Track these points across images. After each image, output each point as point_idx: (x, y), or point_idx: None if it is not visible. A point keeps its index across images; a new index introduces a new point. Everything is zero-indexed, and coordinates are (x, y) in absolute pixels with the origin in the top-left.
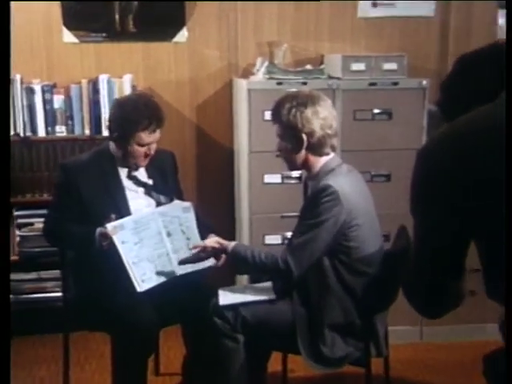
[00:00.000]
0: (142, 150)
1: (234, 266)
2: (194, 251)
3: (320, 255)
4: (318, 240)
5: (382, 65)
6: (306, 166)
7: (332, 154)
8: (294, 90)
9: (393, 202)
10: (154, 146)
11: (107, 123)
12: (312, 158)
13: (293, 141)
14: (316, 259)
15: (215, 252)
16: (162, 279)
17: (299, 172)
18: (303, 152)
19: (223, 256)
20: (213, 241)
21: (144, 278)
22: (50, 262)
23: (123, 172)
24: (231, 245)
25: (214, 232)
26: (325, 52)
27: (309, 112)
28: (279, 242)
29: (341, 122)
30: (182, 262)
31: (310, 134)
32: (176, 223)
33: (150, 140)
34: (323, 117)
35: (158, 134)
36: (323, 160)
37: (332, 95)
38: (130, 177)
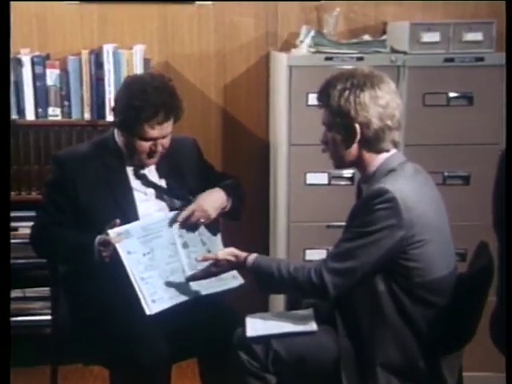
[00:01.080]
0: (146, 145)
1: (257, 284)
2: (204, 264)
3: (366, 274)
4: (363, 254)
5: (462, 34)
6: (359, 164)
7: (393, 151)
8: (347, 67)
9: (472, 210)
10: (164, 142)
11: (112, 106)
12: (367, 154)
13: (342, 132)
14: (361, 278)
15: (231, 266)
16: (177, 301)
17: (351, 171)
18: (355, 147)
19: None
20: (227, 252)
21: (155, 297)
22: (37, 277)
23: (131, 169)
24: (251, 258)
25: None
26: (388, 18)
27: (366, 96)
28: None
29: (406, 108)
30: (190, 279)
31: (366, 125)
32: (194, 232)
33: (155, 134)
34: (384, 104)
35: (167, 128)
36: (381, 158)
37: (396, 74)
38: (138, 175)
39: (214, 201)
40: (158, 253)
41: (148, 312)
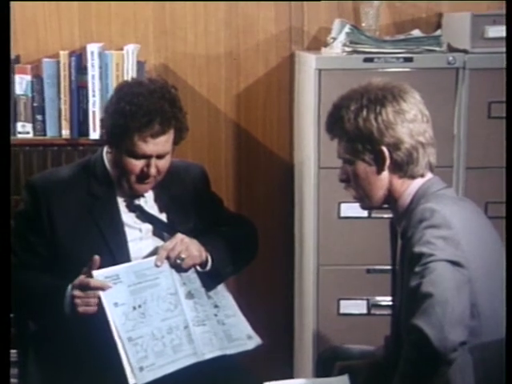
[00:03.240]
0: (135, 164)
1: None
2: (214, 321)
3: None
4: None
5: None
6: (390, 197)
7: (430, 176)
8: (392, 70)
9: None
10: (160, 165)
11: (101, 117)
12: (398, 182)
13: (367, 160)
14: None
15: None
16: (172, 368)
17: None
18: (385, 175)
19: None
20: None
21: (144, 364)
22: None
23: (122, 200)
24: None
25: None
26: (444, 9)
27: (389, 112)
28: (364, 311)
29: (468, 120)
30: None
31: (395, 146)
32: (199, 281)
33: (147, 150)
34: (412, 117)
35: (164, 145)
36: (416, 184)
37: (454, 78)
38: (132, 207)
39: (195, 243)
40: (152, 306)
41: (132, 382)
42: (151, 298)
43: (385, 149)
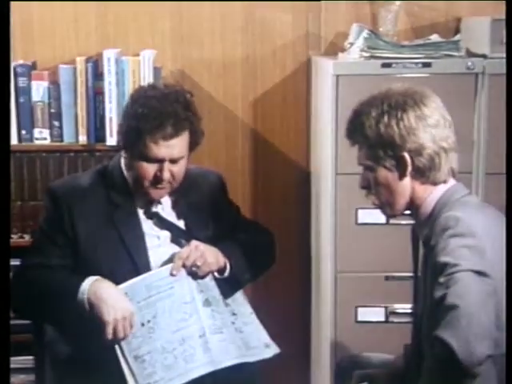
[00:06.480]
0: (148, 168)
1: None
2: (230, 329)
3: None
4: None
5: None
6: (412, 204)
7: (452, 182)
8: (409, 75)
9: None
10: (175, 170)
11: (118, 124)
12: (421, 188)
13: (388, 166)
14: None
15: None
16: (185, 379)
17: None
18: (406, 182)
19: None
20: None
21: (151, 380)
22: (20, 343)
23: (140, 206)
24: None
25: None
26: (463, 13)
27: (411, 117)
28: (382, 318)
29: (488, 125)
30: None
31: (417, 152)
32: (216, 289)
33: (160, 153)
34: (434, 123)
35: (177, 148)
36: (439, 190)
37: (473, 83)
38: (149, 214)
39: (213, 249)
40: (163, 318)
41: None
42: (163, 310)
43: (406, 155)
